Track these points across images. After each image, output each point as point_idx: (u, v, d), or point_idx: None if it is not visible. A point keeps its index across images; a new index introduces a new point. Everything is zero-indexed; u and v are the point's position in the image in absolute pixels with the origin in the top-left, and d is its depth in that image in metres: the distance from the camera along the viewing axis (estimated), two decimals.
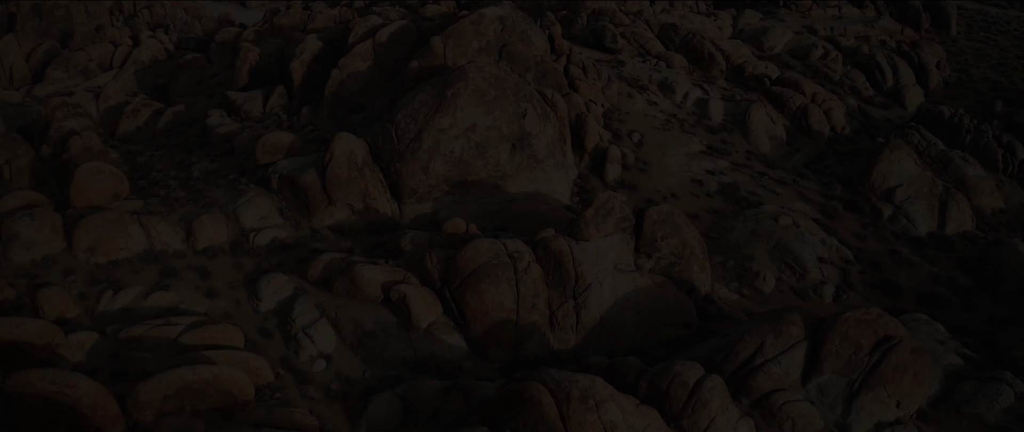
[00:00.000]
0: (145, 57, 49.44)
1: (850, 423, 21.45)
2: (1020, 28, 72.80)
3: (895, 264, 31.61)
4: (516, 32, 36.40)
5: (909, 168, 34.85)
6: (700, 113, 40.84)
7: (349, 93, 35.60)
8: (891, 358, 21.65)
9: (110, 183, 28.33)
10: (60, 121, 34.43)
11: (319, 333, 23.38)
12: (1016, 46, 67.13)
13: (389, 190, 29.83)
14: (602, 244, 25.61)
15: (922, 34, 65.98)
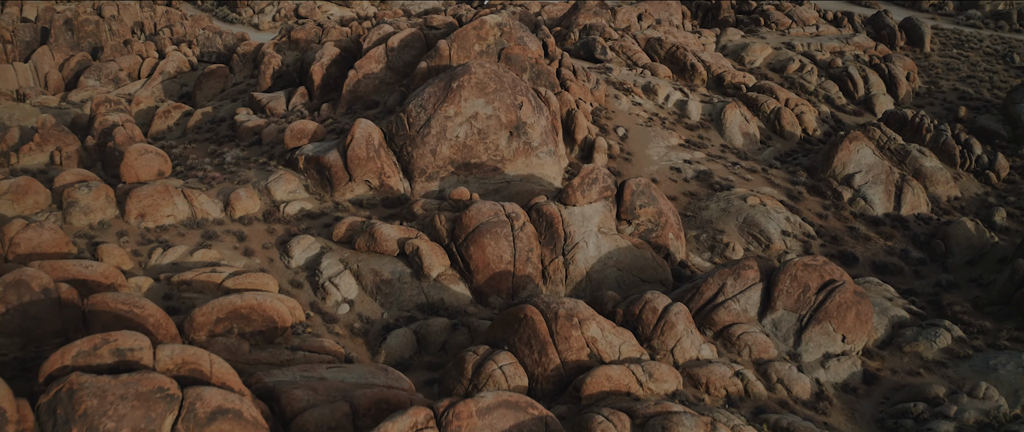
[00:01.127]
0: (171, 68, 53.54)
1: (800, 353, 25.09)
2: (991, 45, 77.18)
3: (853, 238, 35.42)
4: (514, 37, 40.50)
5: (867, 157, 38.78)
6: (680, 113, 44.86)
7: (364, 91, 39.59)
8: (835, 297, 25.36)
9: (156, 162, 32.18)
10: (103, 115, 38.34)
11: (343, 282, 27.08)
12: (986, 61, 71.44)
13: (401, 170, 33.67)
14: (588, 209, 29.41)
15: (897, 50, 70.31)
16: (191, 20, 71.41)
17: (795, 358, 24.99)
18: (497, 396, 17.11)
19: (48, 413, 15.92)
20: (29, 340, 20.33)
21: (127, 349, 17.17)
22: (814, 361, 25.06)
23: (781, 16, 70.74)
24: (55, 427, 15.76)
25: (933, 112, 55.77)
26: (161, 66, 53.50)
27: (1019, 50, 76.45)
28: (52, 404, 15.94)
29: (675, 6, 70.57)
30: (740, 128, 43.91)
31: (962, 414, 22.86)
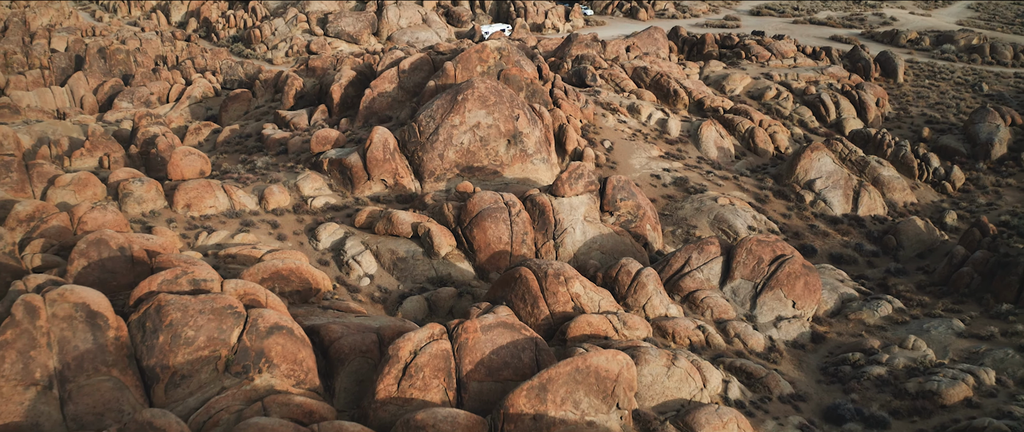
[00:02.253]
0: (197, 92, 58.39)
1: (756, 315, 29.37)
2: (962, 76, 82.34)
3: (812, 234, 39.84)
4: (512, 60, 45.34)
5: (827, 165, 43.35)
6: (661, 129, 49.55)
7: (378, 107, 44.28)
8: (785, 268, 29.71)
9: (198, 163, 36.72)
10: (145, 127, 42.98)
11: (364, 260, 31.40)
12: (955, 90, 76.44)
13: (413, 172, 38.18)
14: (575, 200, 33.85)
15: (871, 81, 75.35)
16: (211, 53, 76.59)
17: (751, 319, 29.26)
18: (497, 318, 21.40)
19: (138, 327, 20.21)
20: (105, 291, 24.55)
21: (201, 280, 21.51)
22: (768, 322, 29.32)
23: (761, 50, 75.98)
24: (144, 337, 20.04)
25: (900, 133, 60.52)
26: (188, 91, 58.34)
27: (988, 80, 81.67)
28: (142, 319, 20.24)
29: (662, 41, 75.83)
30: (715, 143, 48.54)
31: (893, 361, 27.07)
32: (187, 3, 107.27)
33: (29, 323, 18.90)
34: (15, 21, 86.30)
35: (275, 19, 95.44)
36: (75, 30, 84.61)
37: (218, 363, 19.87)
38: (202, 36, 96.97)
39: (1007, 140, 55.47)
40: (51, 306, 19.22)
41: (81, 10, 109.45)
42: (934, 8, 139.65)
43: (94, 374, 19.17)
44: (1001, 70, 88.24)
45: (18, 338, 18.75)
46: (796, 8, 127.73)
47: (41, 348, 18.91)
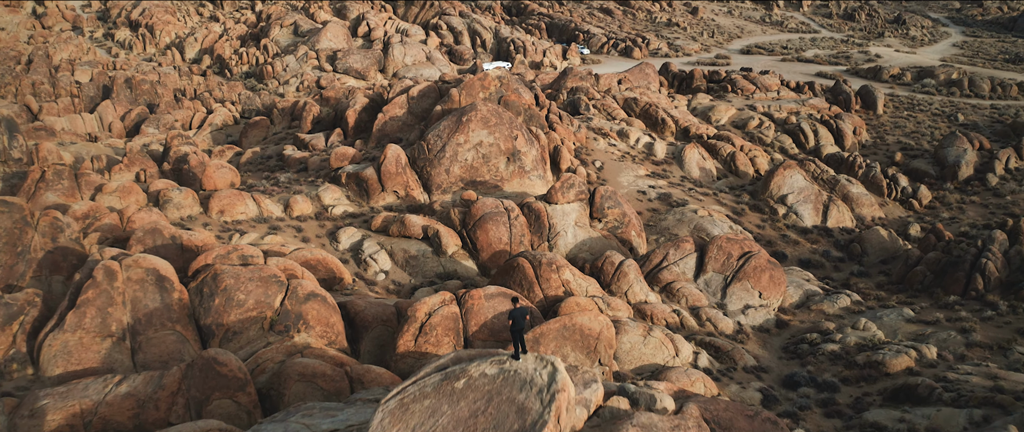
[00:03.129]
0: (218, 120, 62.72)
1: (726, 303, 33.18)
2: (940, 108, 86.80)
3: (784, 243, 43.75)
4: (511, 88, 49.68)
5: (799, 181, 47.43)
6: (648, 152, 53.73)
7: (390, 130, 48.49)
8: (751, 262, 33.60)
9: (228, 175, 40.81)
10: (177, 146, 47.14)
11: (380, 258, 35.30)
12: (932, 120, 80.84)
13: (422, 185, 42.23)
14: (567, 207, 37.85)
15: (852, 112, 79.75)
16: (227, 87, 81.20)
17: (722, 307, 33.07)
18: (498, 289, 25.27)
19: (196, 292, 24.09)
20: None
21: (248, 255, 25.43)
22: (736, 309, 33.13)
23: (747, 84, 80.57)
24: (202, 300, 23.90)
25: (875, 158, 64.70)
26: (210, 119, 62.67)
27: (964, 111, 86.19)
28: (200, 286, 24.13)
29: (653, 75, 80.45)
30: (698, 164, 52.67)
31: (845, 340, 30.83)
32: (201, 41, 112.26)
33: (108, 284, 22.79)
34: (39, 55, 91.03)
35: (286, 56, 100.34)
36: (97, 64, 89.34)
37: (264, 323, 23.70)
38: (216, 72, 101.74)
39: (974, 162, 59.61)
40: (126, 270, 23.13)
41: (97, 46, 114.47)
42: (920, 47, 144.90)
43: (161, 329, 23.00)
44: (978, 102, 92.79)
45: (98, 297, 22.64)
46: (785, 47, 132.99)
47: (117, 305, 22.77)
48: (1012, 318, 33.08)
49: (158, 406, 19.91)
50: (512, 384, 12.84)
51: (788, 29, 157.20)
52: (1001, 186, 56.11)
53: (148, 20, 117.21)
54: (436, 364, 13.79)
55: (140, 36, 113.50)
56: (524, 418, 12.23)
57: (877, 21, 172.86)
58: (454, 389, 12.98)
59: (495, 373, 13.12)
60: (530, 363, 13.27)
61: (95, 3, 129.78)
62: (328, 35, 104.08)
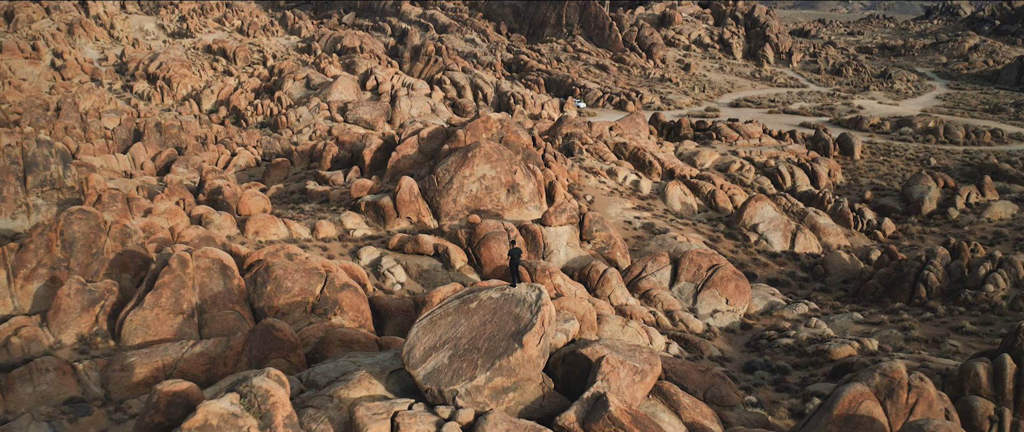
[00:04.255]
0: (242, 162, 68.33)
1: (697, 307, 38.17)
2: (914, 153, 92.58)
3: (755, 265, 48.83)
4: (511, 129, 55.31)
5: (769, 212, 52.72)
6: (634, 189, 59.14)
7: (402, 167, 53.98)
8: (719, 273, 38.69)
9: (261, 202, 46.15)
10: (212, 180, 52.59)
11: (396, 271, 40.36)
12: (905, 164, 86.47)
13: (432, 213, 47.52)
14: (559, 230, 43.06)
15: (830, 157, 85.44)
16: (246, 134, 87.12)
17: (693, 311, 38.06)
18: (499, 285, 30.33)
19: (251, 281, 29.18)
20: None
21: (292, 253, 30.57)
22: (706, 313, 38.11)
23: (730, 132, 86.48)
24: (256, 288, 28.98)
25: (848, 196, 70.02)
26: (234, 160, 68.29)
27: (937, 156, 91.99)
28: (254, 276, 29.24)
29: (643, 124, 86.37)
30: (679, 199, 58.05)
31: (798, 335, 35.76)
32: (217, 93, 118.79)
33: (181, 270, 27.93)
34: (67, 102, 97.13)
35: (299, 107, 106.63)
36: (121, 111, 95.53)
37: (307, 306, 28.74)
38: (232, 121, 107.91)
39: (937, 198, 64.93)
40: (196, 260, 28.29)
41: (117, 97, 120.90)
42: (903, 99, 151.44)
43: (223, 308, 28.05)
44: (952, 148, 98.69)
45: (173, 281, 27.75)
46: (772, 100, 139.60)
47: (188, 288, 27.87)
48: (948, 319, 38.05)
49: (226, 362, 24.86)
50: (510, 302, 17.92)
51: (777, 84, 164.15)
52: (961, 218, 61.33)
53: (165, 73, 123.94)
54: (455, 294, 18.90)
55: (158, 88, 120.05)
56: (519, 323, 17.29)
57: (864, 76, 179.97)
58: (469, 308, 18.06)
59: (498, 296, 18.20)
60: (523, 289, 18.34)
61: (111, 56, 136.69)
62: (339, 88, 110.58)
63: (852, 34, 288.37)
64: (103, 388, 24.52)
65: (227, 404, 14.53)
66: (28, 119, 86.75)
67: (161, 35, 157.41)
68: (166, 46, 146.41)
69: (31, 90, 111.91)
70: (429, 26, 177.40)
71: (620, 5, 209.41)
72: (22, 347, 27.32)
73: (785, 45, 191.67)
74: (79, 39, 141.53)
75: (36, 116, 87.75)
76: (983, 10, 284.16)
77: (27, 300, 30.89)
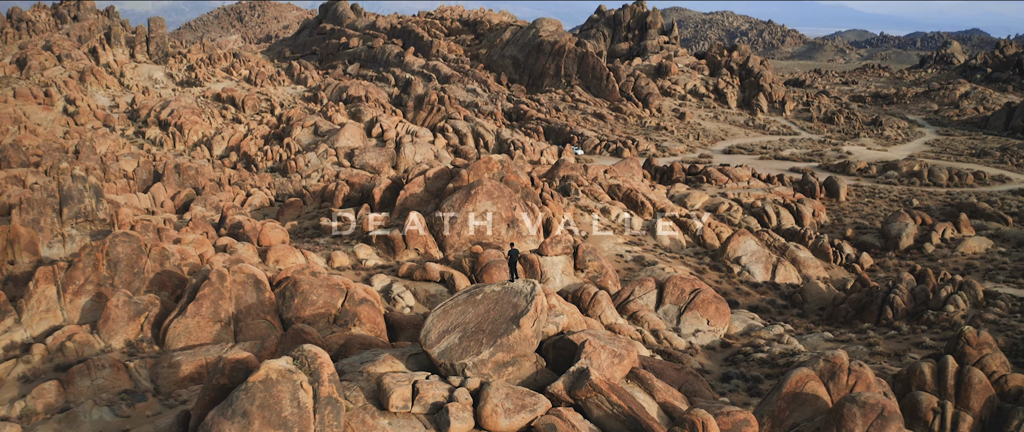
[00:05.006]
0: (256, 202, 72.31)
1: (680, 327, 41.72)
2: (898, 195, 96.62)
3: (738, 294, 52.42)
4: (511, 170, 59.36)
5: (751, 246, 56.47)
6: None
7: (410, 204, 57.89)
8: (700, 296, 42.32)
9: (280, 234, 49.98)
10: (232, 215, 56.44)
11: (406, 296, 43.95)
12: (888, 205, 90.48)
13: (438, 246, 51.28)
14: (555, 259, 46.79)
15: (816, 199, 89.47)
16: (258, 177, 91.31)
17: (677, 330, 41.60)
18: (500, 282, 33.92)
19: (280, 295, 32.85)
20: None
21: (317, 272, 34.28)
22: (689, 332, 41.64)
23: (720, 175, 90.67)
24: (284, 301, 32.63)
25: (831, 234, 73.85)
26: (249, 200, 72.28)
27: (920, 197, 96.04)
28: (283, 290, 32.92)
29: (636, 168, 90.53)
30: (669, 235, 61.90)
31: (772, 351, 39.26)
32: (227, 139, 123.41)
33: (219, 284, 31.63)
34: (86, 146, 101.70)
35: (308, 153, 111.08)
36: (138, 155, 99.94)
37: (329, 317, 32.36)
38: (243, 166, 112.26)
39: (914, 234, 68.78)
40: (232, 275, 32.01)
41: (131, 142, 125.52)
42: (892, 145, 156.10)
43: (256, 318, 31.66)
44: (935, 190, 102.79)
45: (212, 292, 31.43)
46: (764, 147, 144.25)
47: (225, 299, 31.53)
48: (911, 336, 41.60)
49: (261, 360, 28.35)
50: (510, 294, 21.62)
51: (770, 132, 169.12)
52: (935, 252, 65.11)
53: (177, 120, 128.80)
54: (465, 289, 22.61)
55: (170, 134, 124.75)
56: (516, 309, 20.99)
57: (855, 123, 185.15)
58: (475, 299, 21.76)
59: (500, 290, 21.91)
60: (520, 283, 22.05)
61: (122, 103, 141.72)
62: (345, 135, 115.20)
63: (846, 83, 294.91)
64: (152, 382, 28.06)
65: (284, 363, 18.15)
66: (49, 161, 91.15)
67: (170, 84, 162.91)
68: (176, 94, 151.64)
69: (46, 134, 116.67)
70: (432, 76, 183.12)
71: (617, 56, 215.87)
72: (76, 350, 30.90)
73: (778, 94, 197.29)
74: (90, 86, 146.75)
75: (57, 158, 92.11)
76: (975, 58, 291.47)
77: (75, 313, 34.51)
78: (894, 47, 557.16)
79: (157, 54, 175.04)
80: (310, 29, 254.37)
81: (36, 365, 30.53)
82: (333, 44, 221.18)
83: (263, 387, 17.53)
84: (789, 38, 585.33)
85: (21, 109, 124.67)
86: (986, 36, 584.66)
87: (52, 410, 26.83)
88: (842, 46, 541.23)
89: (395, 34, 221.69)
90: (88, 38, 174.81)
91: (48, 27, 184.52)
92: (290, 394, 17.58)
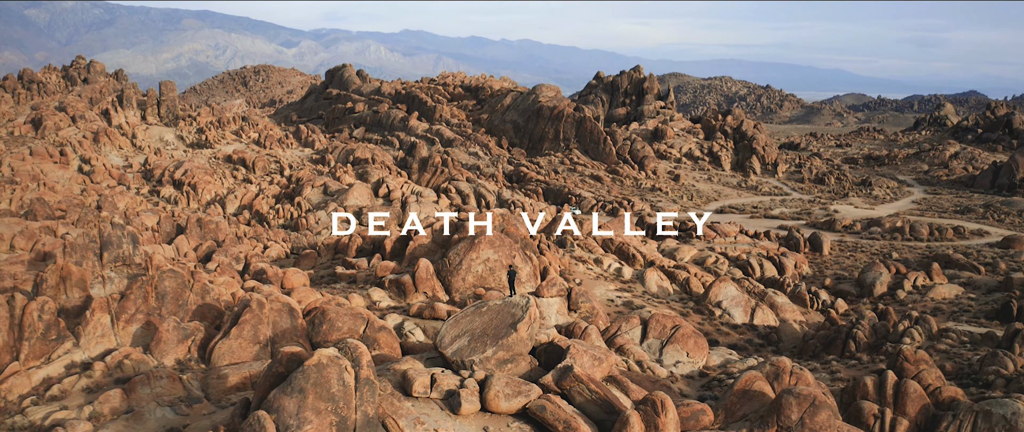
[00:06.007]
0: (273, 253, 77.41)
1: (662, 359, 46.44)
2: (880, 249, 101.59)
3: (718, 334, 57.18)
4: (510, 222, 64.65)
5: (731, 291, 61.39)
6: (617, 274, 67.98)
7: (418, 253, 63.03)
8: (680, 331, 47.16)
9: (301, 278, 55.03)
10: (256, 263, 61.51)
11: (416, 332, 48.75)
12: (868, 258, 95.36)
13: (445, 290, 56.25)
14: (550, 300, 51.71)
15: (801, 254, 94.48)
16: (272, 232, 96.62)
17: (659, 361, 46.32)
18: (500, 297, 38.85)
19: (310, 321, 37.74)
20: None
21: (342, 303, 39.24)
22: (670, 363, 46.36)
23: (709, 231, 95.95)
24: (314, 327, 37.52)
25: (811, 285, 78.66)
26: (267, 252, 77.38)
27: (900, 250, 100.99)
28: (313, 318, 37.87)
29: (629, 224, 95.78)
30: (656, 283, 66.83)
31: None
32: (240, 198, 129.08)
33: (258, 310, 36.59)
34: (107, 202, 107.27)
35: (318, 211, 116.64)
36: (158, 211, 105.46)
37: None
38: (257, 223, 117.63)
39: (888, 282, 73.65)
40: (270, 303, 37.00)
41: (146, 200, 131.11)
42: (880, 204, 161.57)
43: (290, 341, 36.52)
44: (916, 244, 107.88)
45: (252, 318, 36.37)
46: (755, 207, 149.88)
47: (264, 324, 36.45)
48: (870, 364, 46.31)
49: None
50: (509, 306, 26.64)
51: (762, 192, 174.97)
52: (907, 298, 69.91)
53: (191, 179, 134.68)
54: (472, 304, 27.65)
55: (185, 193, 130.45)
56: (514, 317, 26.00)
57: (845, 183, 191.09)
58: (481, 311, 26.78)
59: (501, 303, 26.94)
60: (517, 297, 27.07)
61: (135, 163, 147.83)
62: (354, 194, 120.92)
63: (840, 146, 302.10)
64: (203, 391, 32.84)
65: (332, 351, 23.10)
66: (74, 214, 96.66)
67: (181, 145, 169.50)
68: (189, 155, 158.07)
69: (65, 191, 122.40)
70: (435, 140, 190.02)
71: (615, 121, 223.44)
72: (133, 367, 35.72)
73: (771, 157, 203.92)
74: (104, 147, 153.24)
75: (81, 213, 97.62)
76: (967, 120, 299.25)
77: (127, 338, 39.37)
78: (891, 110, 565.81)
79: (168, 116, 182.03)
80: (317, 94, 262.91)
81: (98, 379, 35.30)
82: (339, 108, 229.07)
83: (316, 369, 22.48)
84: (787, 103, 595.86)
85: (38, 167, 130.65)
86: (983, 98, 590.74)
87: (117, 413, 31.55)
88: (840, 110, 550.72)
89: (399, 99, 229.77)
90: (100, 100, 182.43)
91: (58, 88, 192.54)
92: (337, 375, 22.52)
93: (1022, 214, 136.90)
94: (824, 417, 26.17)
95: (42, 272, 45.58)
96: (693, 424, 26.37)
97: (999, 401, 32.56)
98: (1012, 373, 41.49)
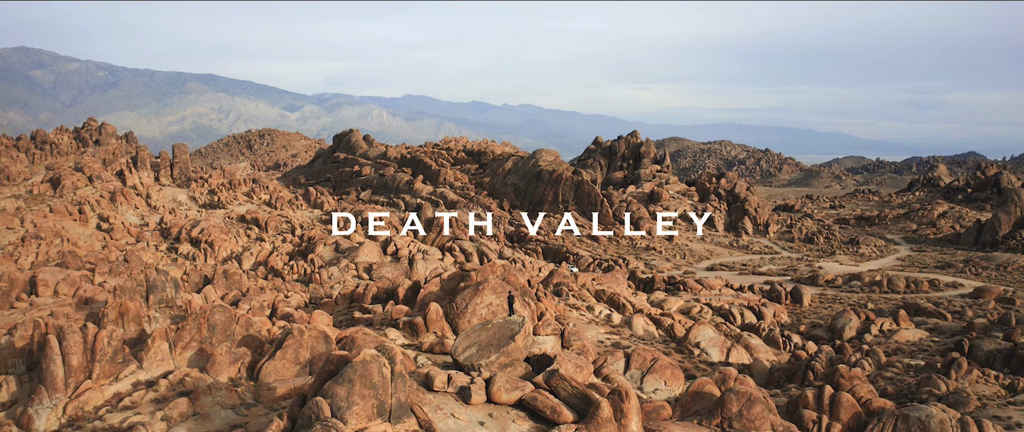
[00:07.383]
0: (294, 302, 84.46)
1: (643, 386, 53.22)
2: (857, 302, 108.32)
3: (695, 370, 63.92)
4: (512, 272, 71.94)
5: (709, 333, 68.28)
6: (608, 319, 74.96)
7: (428, 300, 70.12)
8: (658, 363, 54.03)
9: (325, 318, 62.09)
10: (281, 307, 68.55)
11: (428, 366, 55.57)
12: (845, 303, 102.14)
13: (452, 331, 63.22)
14: (546, 338, 58.63)
15: (782, 305, 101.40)
16: (288, 285, 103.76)
17: (640, 389, 53.10)
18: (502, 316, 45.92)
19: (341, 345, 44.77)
20: None
21: (367, 332, 46.30)
22: (650, 390, 53.12)
23: (696, 285, 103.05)
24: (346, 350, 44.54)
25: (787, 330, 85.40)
26: (288, 301, 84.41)
27: (876, 302, 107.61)
28: (343, 345, 44.86)
29: (622, 278, 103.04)
30: (643, 327, 73.76)
31: None
32: (255, 255, 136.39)
33: (299, 336, 43.66)
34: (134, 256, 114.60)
35: (330, 267, 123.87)
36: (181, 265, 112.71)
37: None
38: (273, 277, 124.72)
39: (857, 327, 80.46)
40: (308, 331, 44.07)
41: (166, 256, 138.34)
42: (865, 261, 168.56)
43: None
44: (892, 296, 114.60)
45: (294, 343, 43.41)
46: (744, 265, 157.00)
47: (303, 348, 43.46)
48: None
49: None
50: (509, 323, 33.80)
51: (752, 251, 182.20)
52: (873, 341, 76.63)
53: (207, 237, 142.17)
54: (479, 323, 34.84)
55: (202, 249, 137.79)
56: (512, 332, 33.17)
57: (833, 242, 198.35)
58: (487, 328, 33.93)
59: (502, 321, 34.11)
60: (515, 316, 34.23)
61: (151, 222, 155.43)
62: (364, 252, 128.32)
63: (834, 207, 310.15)
64: (256, 400, 39.75)
65: (373, 351, 30.21)
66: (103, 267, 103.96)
67: (194, 206, 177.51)
68: (202, 214, 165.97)
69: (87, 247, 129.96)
70: (439, 202, 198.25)
71: (612, 184, 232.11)
72: (193, 383, 42.65)
73: (763, 217, 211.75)
74: (120, 206, 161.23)
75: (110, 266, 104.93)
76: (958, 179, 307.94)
77: (184, 362, 46.32)
78: (890, 172, 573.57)
79: (180, 178, 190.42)
80: (324, 158, 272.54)
81: (163, 392, 42.19)
82: (346, 172, 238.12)
83: (361, 364, 29.62)
84: (786, 166, 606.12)
85: (60, 224, 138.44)
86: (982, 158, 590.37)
87: (185, 416, 38.43)
88: (838, 173, 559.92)
89: (405, 163, 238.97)
90: (112, 161, 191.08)
91: (70, 149, 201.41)
92: (378, 369, 29.65)
93: (999, 268, 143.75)
94: (758, 410, 33.09)
95: (104, 307, 52.79)
96: (655, 416, 33.25)
97: (916, 407, 39.48)
98: (944, 392, 48.33)
